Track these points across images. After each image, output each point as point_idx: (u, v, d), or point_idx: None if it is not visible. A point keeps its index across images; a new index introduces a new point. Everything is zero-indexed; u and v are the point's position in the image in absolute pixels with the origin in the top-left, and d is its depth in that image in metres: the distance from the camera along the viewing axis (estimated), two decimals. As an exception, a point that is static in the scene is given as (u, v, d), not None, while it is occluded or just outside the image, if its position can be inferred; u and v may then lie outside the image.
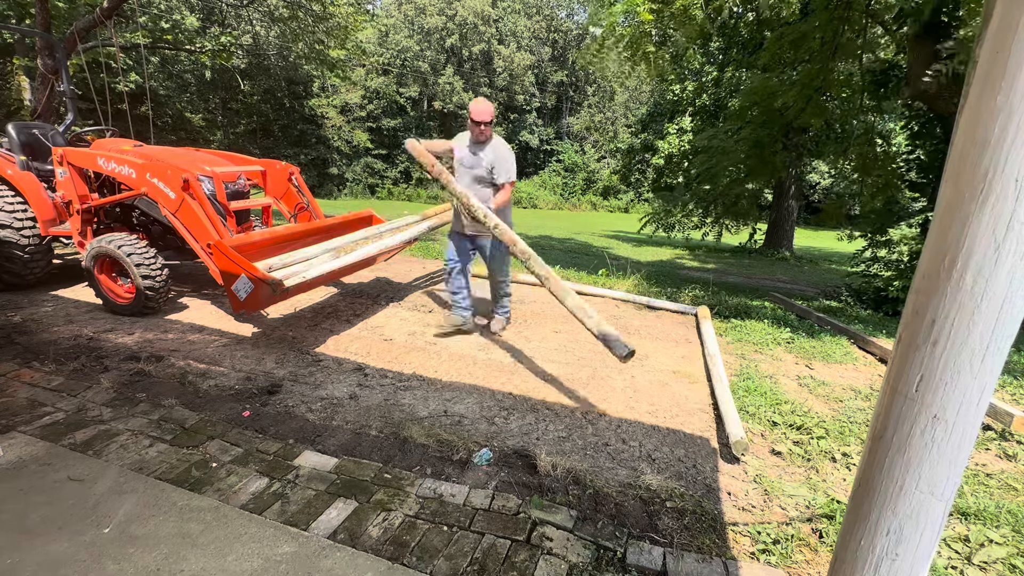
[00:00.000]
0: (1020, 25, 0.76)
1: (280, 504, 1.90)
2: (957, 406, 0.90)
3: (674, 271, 10.82)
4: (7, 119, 9.43)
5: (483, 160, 3.48)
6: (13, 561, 1.58)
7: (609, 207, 33.09)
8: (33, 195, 4.20)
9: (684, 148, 16.87)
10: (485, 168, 3.49)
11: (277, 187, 4.77)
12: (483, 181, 3.55)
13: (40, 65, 7.95)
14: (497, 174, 3.50)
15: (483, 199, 3.50)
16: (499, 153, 3.49)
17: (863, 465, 1.05)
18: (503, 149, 3.53)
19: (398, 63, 33.47)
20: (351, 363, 3.32)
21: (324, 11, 12.03)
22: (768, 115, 7.17)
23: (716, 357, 3.56)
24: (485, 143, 3.50)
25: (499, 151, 3.50)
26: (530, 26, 37.36)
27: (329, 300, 4.63)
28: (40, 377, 2.79)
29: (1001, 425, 2.78)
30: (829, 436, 2.68)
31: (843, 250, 15.48)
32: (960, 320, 0.87)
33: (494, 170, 3.49)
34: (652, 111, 22.35)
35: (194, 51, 13.09)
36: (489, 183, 3.56)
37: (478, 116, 3.33)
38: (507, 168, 3.51)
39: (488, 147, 3.50)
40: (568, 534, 1.83)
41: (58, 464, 2.05)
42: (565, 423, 2.73)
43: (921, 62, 5.77)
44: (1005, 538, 1.92)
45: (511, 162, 3.54)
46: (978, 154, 0.82)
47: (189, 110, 25.53)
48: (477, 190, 3.54)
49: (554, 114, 39.83)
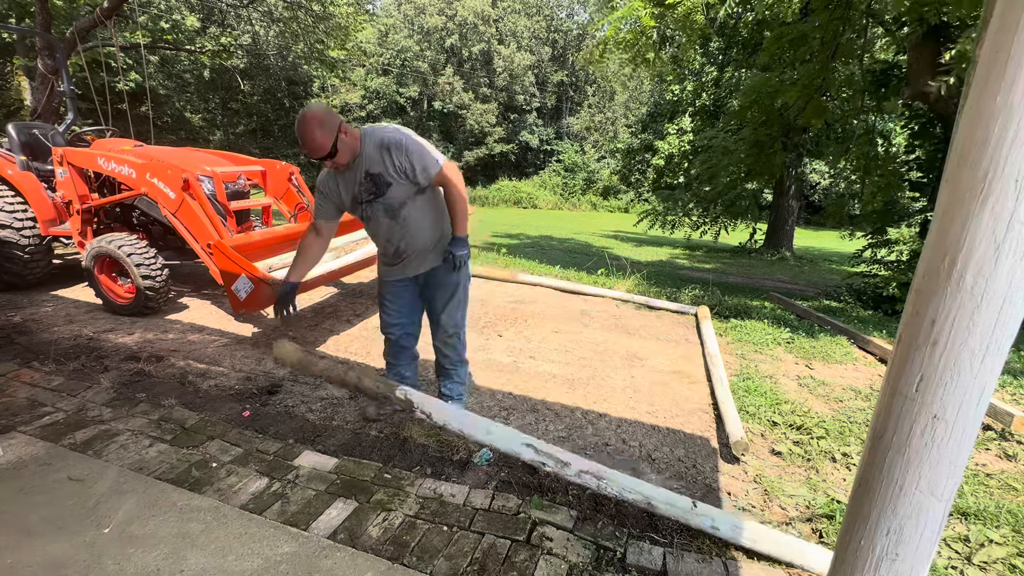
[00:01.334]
0: (1020, 25, 0.76)
1: (280, 504, 1.90)
2: (957, 406, 0.90)
3: (674, 271, 10.82)
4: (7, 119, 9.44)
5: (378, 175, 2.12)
6: (13, 561, 1.58)
7: (609, 207, 33.07)
8: (33, 195, 4.20)
9: (684, 148, 16.89)
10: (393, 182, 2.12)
11: (277, 187, 4.77)
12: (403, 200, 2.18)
13: (40, 65, 7.95)
14: (419, 172, 2.11)
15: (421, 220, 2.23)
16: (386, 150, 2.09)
17: (863, 465, 1.05)
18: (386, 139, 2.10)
19: (398, 63, 33.46)
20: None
21: (324, 11, 12.04)
22: (768, 115, 7.18)
23: (716, 357, 3.56)
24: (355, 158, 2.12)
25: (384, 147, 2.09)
26: (530, 26, 37.34)
27: (329, 300, 4.63)
28: (40, 377, 2.79)
29: (1001, 425, 2.78)
30: (829, 436, 2.68)
31: (843, 250, 15.48)
32: (960, 320, 0.87)
33: (408, 172, 2.11)
34: (652, 111, 22.38)
35: (194, 51, 13.10)
36: (413, 194, 2.19)
37: (310, 153, 2.03)
38: (420, 156, 2.11)
39: (368, 153, 2.11)
40: (568, 534, 1.83)
41: (58, 464, 2.05)
42: (565, 423, 2.73)
43: (921, 62, 5.78)
44: (1005, 538, 1.92)
45: (417, 144, 2.12)
46: (978, 154, 0.82)
47: (189, 110, 25.53)
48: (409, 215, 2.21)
49: (554, 114, 39.82)
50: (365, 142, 2.12)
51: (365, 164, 2.12)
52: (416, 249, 2.29)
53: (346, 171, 2.17)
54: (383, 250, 2.37)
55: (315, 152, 2.01)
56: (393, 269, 2.39)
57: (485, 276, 5.85)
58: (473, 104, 34.21)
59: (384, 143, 2.09)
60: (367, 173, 2.13)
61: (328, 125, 1.99)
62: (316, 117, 1.98)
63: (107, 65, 14.00)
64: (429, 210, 2.26)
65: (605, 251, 12.79)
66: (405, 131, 2.15)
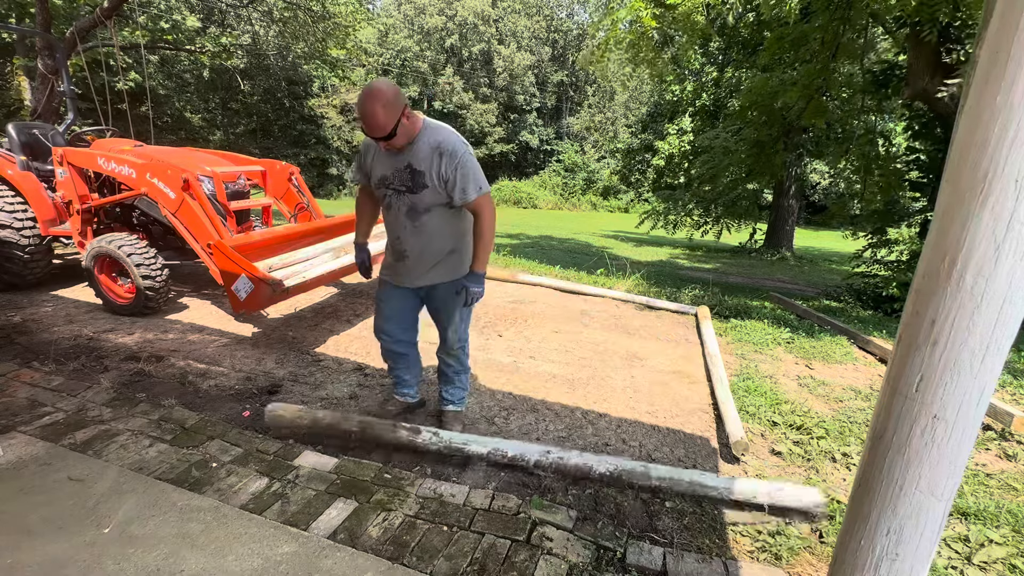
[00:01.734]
0: (1020, 25, 0.76)
1: (280, 504, 1.90)
2: (957, 406, 0.90)
3: (674, 271, 10.82)
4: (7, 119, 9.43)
5: (420, 173, 2.04)
6: (13, 561, 1.58)
7: (609, 207, 33.08)
8: (33, 195, 4.20)
9: (684, 148, 16.90)
10: (430, 185, 2.04)
11: (277, 187, 4.77)
12: (428, 207, 2.09)
13: (40, 65, 7.96)
14: (457, 189, 2.03)
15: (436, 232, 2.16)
16: (439, 153, 2.01)
17: (863, 465, 1.05)
18: (444, 143, 2.02)
19: (398, 63, 33.47)
20: (351, 363, 3.31)
21: (324, 10, 12.04)
22: (769, 115, 7.18)
23: (716, 357, 3.56)
24: (411, 143, 2.03)
25: (439, 150, 2.01)
26: (530, 26, 37.36)
27: (329, 300, 4.63)
28: (40, 377, 2.79)
29: (1001, 425, 2.78)
30: (829, 436, 2.68)
31: (843, 250, 15.48)
32: (960, 320, 0.87)
33: (448, 184, 2.02)
34: (652, 111, 22.37)
35: (194, 51, 13.09)
36: (442, 205, 2.10)
37: (369, 132, 1.93)
38: (466, 175, 2.02)
39: (420, 147, 2.02)
40: (568, 534, 1.83)
41: (58, 464, 2.05)
42: (565, 423, 2.73)
43: (921, 62, 5.78)
44: (1005, 538, 1.92)
45: (471, 162, 2.04)
46: (978, 154, 0.82)
47: (189, 110, 25.54)
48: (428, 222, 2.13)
49: (554, 114, 39.84)
50: (422, 135, 2.03)
51: (412, 157, 2.04)
52: (419, 258, 2.22)
53: (394, 151, 2.07)
54: (390, 244, 2.31)
55: (374, 131, 1.91)
56: (392, 270, 2.34)
57: (485, 276, 5.84)
58: (473, 104, 34.23)
59: (440, 146, 2.01)
60: (410, 166, 2.05)
61: (393, 106, 1.88)
62: (383, 95, 1.87)
63: (107, 65, 13.99)
64: (448, 226, 2.18)
65: (605, 251, 12.80)
66: (466, 145, 2.08)
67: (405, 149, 2.04)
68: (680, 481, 2.09)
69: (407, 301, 2.40)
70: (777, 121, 7.19)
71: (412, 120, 2.00)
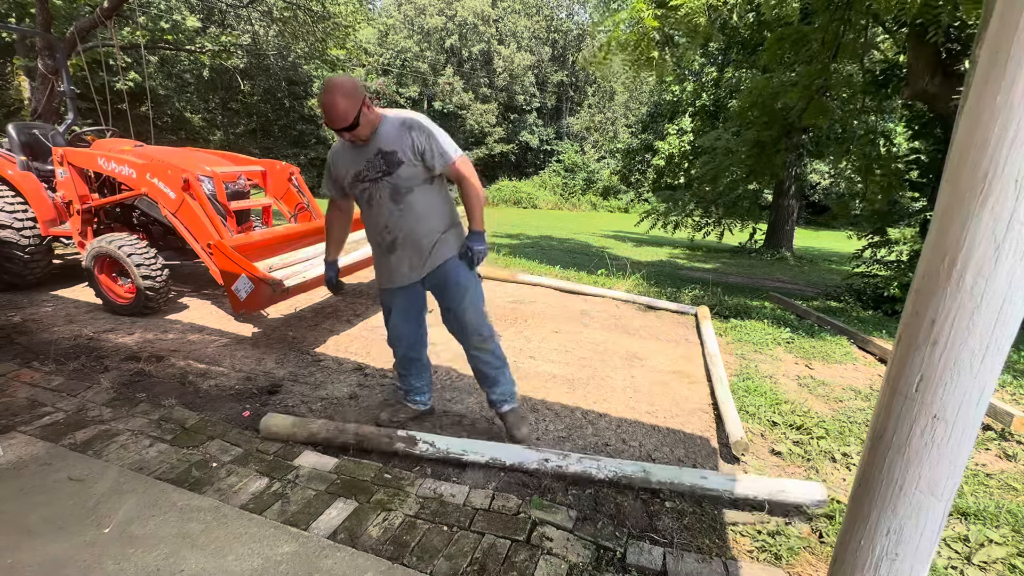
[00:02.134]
0: (1020, 25, 0.76)
1: (280, 504, 1.90)
2: (957, 406, 0.90)
3: (674, 271, 10.82)
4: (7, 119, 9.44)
5: (391, 152, 2.06)
6: (13, 561, 1.58)
7: (609, 207, 33.08)
8: (33, 195, 4.21)
9: (684, 149, 16.89)
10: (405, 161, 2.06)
11: (277, 187, 4.77)
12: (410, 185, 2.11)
13: (40, 65, 7.96)
14: (436, 155, 2.08)
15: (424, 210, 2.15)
16: (408, 128, 2.06)
17: (863, 465, 1.05)
18: (408, 119, 2.09)
19: (398, 63, 33.47)
20: (351, 363, 3.32)
21: (324, 10, 12.04)
22: (770, 116, 7.18)
23: (716, 357, 3.56)
24: (374, 132, 2.08)
25: (407, 126, 2.07)
26: (530, 26, 37.36)
27: (329, 300, 4.63)
28: (40, 377, 2.79)
29: (1001, 425, 2.78)
30: (829, 436, 2.68)
31: (843, 250, 15.48)
32: (960, 320, 0.87)
33: (426, 154, 2.07)
34: (652, 111, 22.35)
35: (194, 51, 13.10)
36: (423, 182, 2.13)
37: (331, 123, 1.97)
38: (440, 141, 2.09)
39: (384, 131, 2.07)
40: (568, 534, 1.83)
41: (58, 464, 2.05)
42: (565, 423, 2.73)
43: (921, 62, 5.78)
44: (1005, 538, 1.92)
45: (439, 130, 2.12)
46: (978, 154, 0.82)
47: (189, 110, 25.54)
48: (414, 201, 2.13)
49: (554, 114, 39.83)
50: (384, 121, 2.09)
51: (380, 142, 2.07)
52: (411, 242, 2.18)
53: (360, 145, 2.10)
54: (377, 241, 2.25)
55: (337, 122, 1.95)
56: (387, 272, 2.29)
57: (485, 276, 5.85)
58: (473, 104, 34.22)
59: (407, 122, 2.07)
60: (380, 151, 2.07)
61: (353, 96, 1.94)
62: (342, 87, 1.93)
63: (107, 65, 13.99)
64: (435, 202, 2.18)
65: (605, 251, 12.80)
66: (427, 119, 2.14)
67: (370, 139, 2.08)
68: (681, 484, 2.09)
69: (413, 301, 2.37)
70: (778, 122, 7.19)
71: (372, 110, 2.04)
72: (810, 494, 2.00)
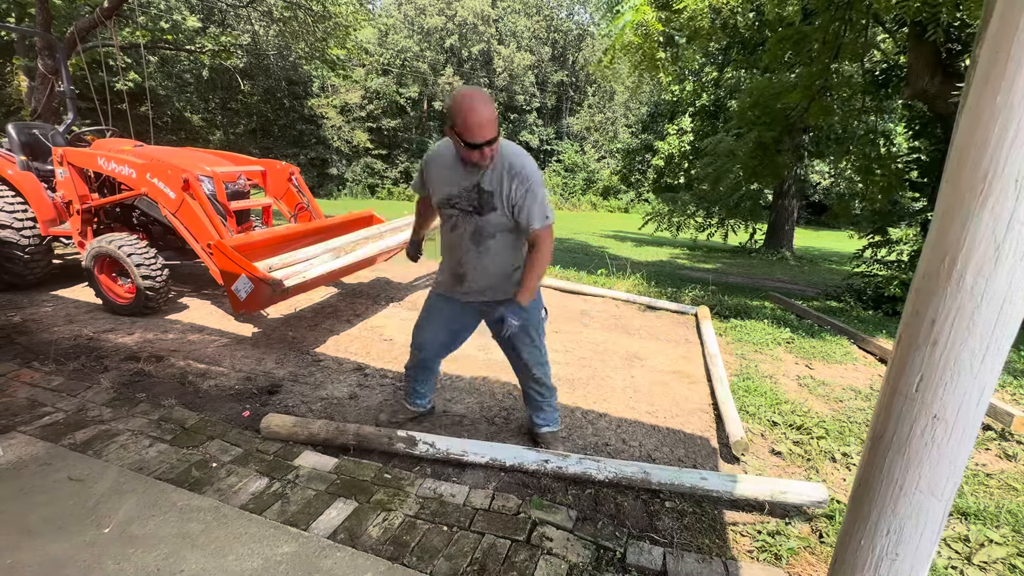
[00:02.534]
0: (1020, 25, 0.76)
1: (280, 504, 1.90)
2: (957, 406, 0.90)
3: (674, 271, 10.81)
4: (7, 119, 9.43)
5: (489, 193, 1.94)
6: (13, 561, 1.58)
7: (609, 207, 33.09)
8: (33, 195, 4.20)
9: (684, 149, 16.90)
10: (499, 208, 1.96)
11: (277, 187, 4.77)
12: (493, 231, 2.03)
13: (40, 65, 7.95)
14: (523, 215, 1.95)
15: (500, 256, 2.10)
16: (511, 175, 1.92)
17: (863, 465, 1.05)
18: (517, 166, 1.93)
19: (398, 63, 33.47)
20: (351, 363, 3.31)
21: (324, 10, 12.04)
22: (772, 116, 7.18)
23: (716, 357, 3.56)
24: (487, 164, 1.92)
25: (512, 172, 1.92)
26: (530, 26, 37.37)
27: (329, 300, 4.63)
28: (40, 377, 2.79)
29: (1001, 425, 2.78)
30: (829, 436, 2.68)
31: (843, 250, 15.48)
32: (960, 320, 0.87)
33: (516, 209, 1.95)
34: (652, 111, 22.36)
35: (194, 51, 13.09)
36: (507, 228, 2.02)
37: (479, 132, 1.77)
38: (534, 202, 1.94)
39: (493, 167, 1.93)
40: (568, 534, 1.83)
41: (58, 464, 2.05)
42: (565, 423, 2.72)
43: (921, 62, 5.78)
44: (1005, 538, 1.92)
45: (541, 190, 1.96)
46: (978, 154, 0.82)
47: (189, 110, 25.55)
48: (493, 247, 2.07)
49: (554, 114, 39.84)
50: (500, 153, 1.92)
51: (482, 176, 1.94)
52: (481, 284, 2.16)
53: (463, 169, 1.96)
54: (449, 267, 2.21)
55: (487, 131, 1.76)
56: (449, 281, 2.24)
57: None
58: (473, 104, 34.17)
59: (513, 169, 1.92)
60: (478, 185, 1.94)
61: (493, 105, 1.82)
62: (483, 95, 1.79)
63: (107, 65, 14.00)
64: (511, 248, 2.11)
65: (605, 251, 12.80)
66: (538, 172, 1.99)
67: (480, 167, 1.93)
68: (681, 485, 2.09)
69: (459, 319, 2.32)
70: (779, 122, 7.19)
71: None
72: (810, 494, 2.00)
